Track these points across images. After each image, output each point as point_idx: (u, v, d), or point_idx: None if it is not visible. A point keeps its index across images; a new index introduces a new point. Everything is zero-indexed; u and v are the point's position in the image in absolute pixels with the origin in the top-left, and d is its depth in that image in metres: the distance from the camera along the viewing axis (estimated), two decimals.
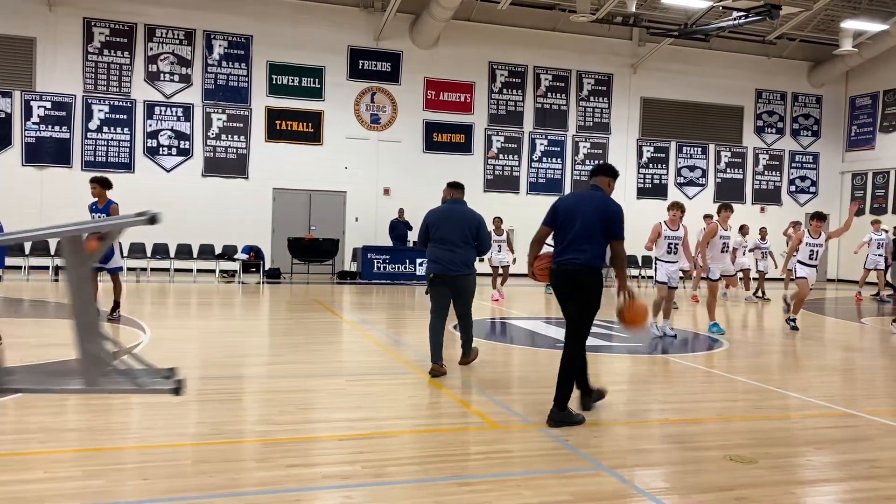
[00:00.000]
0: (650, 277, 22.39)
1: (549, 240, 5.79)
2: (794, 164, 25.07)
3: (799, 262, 11.01)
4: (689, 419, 5.83)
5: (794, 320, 10.82)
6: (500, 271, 15.06)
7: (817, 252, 10.89)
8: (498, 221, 15.12)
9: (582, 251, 5.46)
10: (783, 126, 24.89)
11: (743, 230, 16.68)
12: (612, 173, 5.85)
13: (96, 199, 10.06)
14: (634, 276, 22.56)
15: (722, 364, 8.23)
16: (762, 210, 24.47)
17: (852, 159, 25.17)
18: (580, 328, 5.66)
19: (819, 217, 11.07)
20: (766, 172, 24.77)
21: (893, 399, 6.90)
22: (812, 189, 25.23)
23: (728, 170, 24.33)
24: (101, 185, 10.00)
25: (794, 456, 4.86)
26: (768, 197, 24.70)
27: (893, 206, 23.37)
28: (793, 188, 25.05)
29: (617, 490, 4.08)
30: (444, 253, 7.13)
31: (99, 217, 10.10)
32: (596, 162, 22.86)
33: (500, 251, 14.98)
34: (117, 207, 10.02)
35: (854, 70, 24.47)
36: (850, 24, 20.88)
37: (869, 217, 23.70)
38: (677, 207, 10.16)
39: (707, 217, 15.35)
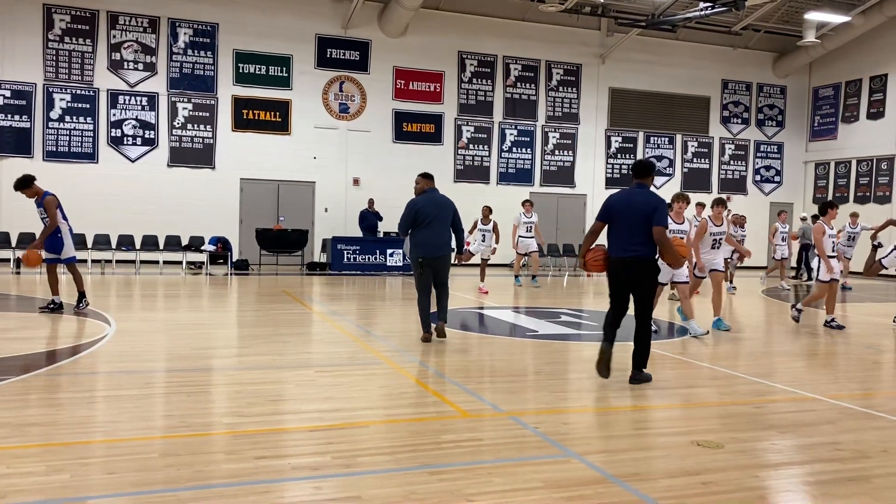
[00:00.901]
0: None
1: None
2: (759, 154, 25.45)
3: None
4: (657, 405, 5.89)
5: (832, 320, 10.25)
6: (480, 261, 14.94)
7: (835, 243, 10.38)
8: (486, 210, 14.94)
9: (639, 244, 6.28)
10: (748, 116, 25.23)
11: (736, 220, 16.47)
12: (653, 170, 6.76)
13: (32, 197, 9.87)
14: None
15: (689, 351, 8.33)
16: (728, 199, 24.74)
17: (815, 149, 25.61)
18: (647, 307, 6.44)
19: (833, 206, 10.37)
20: (731, 162, 25.10)
21: (854, 383, 7.05)
22: (776, 178, 25.63)
23: (695, 159, 24.61)
24: (24, 186, 9.78)
25: (759, 440, 4.94)
26: (734, 186, 25.05)
27: (854, 195, 23.85)
28: (758, 178, 25.43)
29: (587, 476, 4.11)
30: (430, 236, 8.25)
31: (41, 212, 9.89)
32: (567, 152, 22.98)
33: (484, 241, 14.79)
34: (52, 199, 9.81)
35: (817, 61, 24.88)
36: (813, 16, 21.21)
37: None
38: (682, 199, 9.71)
39: (699, 205, 14.96)
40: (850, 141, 24.26)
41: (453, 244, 8.54)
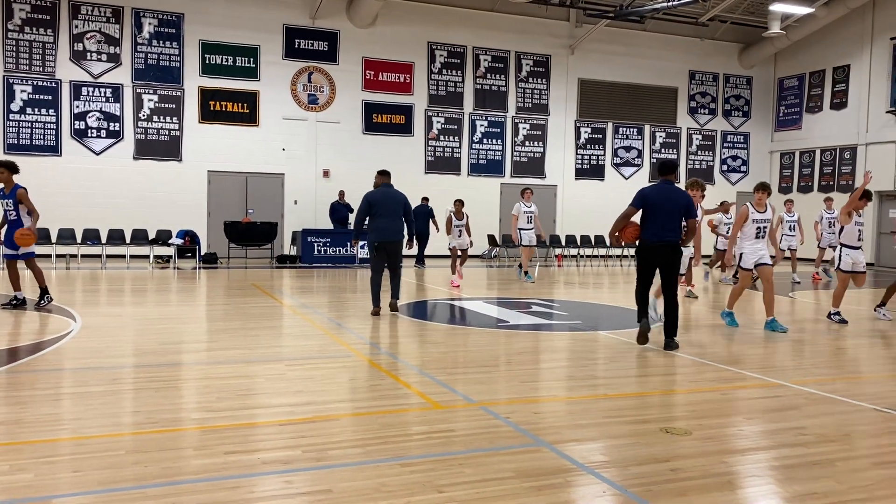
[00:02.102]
0: (602, 257, 22.80)
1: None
2: (725, 144, 25.77)
3: (845, 246, 9.90)
4: (626, 394, 5.95)
5: (837, 313, 9.87)
6: (459, 254, 14.60)
7: (861, 232, 9.94)
8: (459, 205, 14.63)
9: (673, 231, 7.59)
10: (715, 107, 25.52)
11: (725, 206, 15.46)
12: (677, 168, 8.15)
13: (2, 184, 9.66)
14: (573, 256, 22.92)
15: (657, 339, 8.42)
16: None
17: (780, 139, 26.00)
18: (673, 284, 7.72)
19: (866, 196, 9.84)
20: (699, 152, 25.39)
21: (819, 369, 7.18)
22: (743, 168, 25.99)
23: (663, 150, 24.85)
24: (9, 169, 9.59)
25: (726, 426, 5.01)
26: (701, 176, 25.30)
27: (819, 184, 24.27)
28: (725, 167, 25.76)
29: (557, 465, 4.14)
30: (386, 224, 9.60)
31: (6, 203, 9.69)
32: (537, 143, 23.06)
33: (460, 235, 14.52)
34: (25, 192, 9.64)
35: (782, 52, 25.23)
36: (778, 7, 21.48)
37: (797, 195, 24.57)
38: (697, 187, 9.24)
39: (723, 204, 14.28)
40: (814, 131, 24.67)
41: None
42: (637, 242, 7.79)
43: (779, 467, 4.24)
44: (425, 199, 18.76)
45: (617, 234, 7.78)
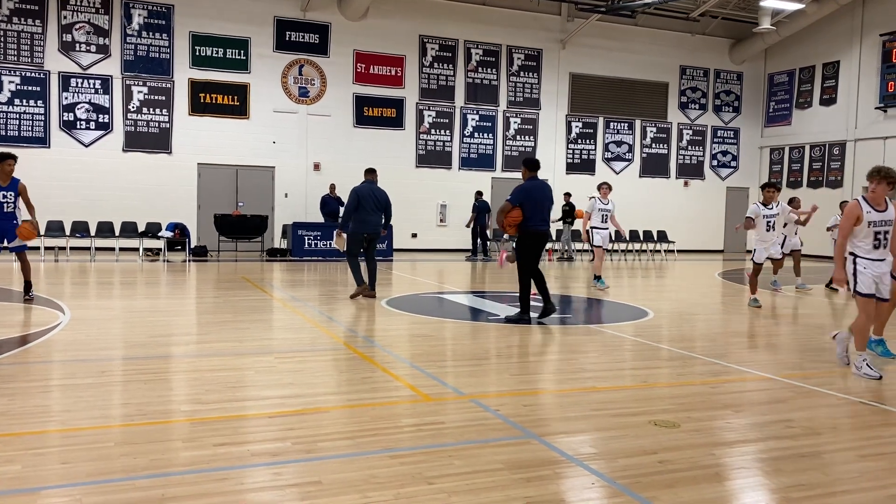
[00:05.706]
0: (591, 251, 22.84)
1: (596, 223, 13.14)
2: (716, 140, 25.85)
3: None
4: (615, 386, 5.98)
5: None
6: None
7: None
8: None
9: (548, 222, 8.96)
10: (706, 102, 25.59)
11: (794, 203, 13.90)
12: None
13: (5, 173, 9.60)
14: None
15: (647, 333, 8.46)
16: (686, 184, 25.19)
17: (770, 135, 26.10)
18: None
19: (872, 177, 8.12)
20: (689, 147, 25.46)
21: (806, 363, 7.22)
22: (733, 164, 26.08)
23: (653, 145, 24.90)
24: (12, 158, 9.56)
25: (714, 419, 5.04)
26: (691, 171, 25.43)
27: (808, 180, 24.39)
28: (715, 163, 25.84)
29: (546, 457, 4.16)
30: (369, 217, 10.63)
31: (5, 196, 9.59)
32: (528, 137, 23.08)
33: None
34: (24, 186, 9.60)
35: (772, 48, 25.31)
36: (768, 3, 21.55)
37: (786, 192, 24.66)
38: (890, 177, 6.49)
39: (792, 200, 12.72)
40: (804, 126, 24.77)
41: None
42: (517, 232, 8.74)
43: (766, 459, 4.27)
44: (479, 194, 20.52)
45: (504, 224, 8.77)
